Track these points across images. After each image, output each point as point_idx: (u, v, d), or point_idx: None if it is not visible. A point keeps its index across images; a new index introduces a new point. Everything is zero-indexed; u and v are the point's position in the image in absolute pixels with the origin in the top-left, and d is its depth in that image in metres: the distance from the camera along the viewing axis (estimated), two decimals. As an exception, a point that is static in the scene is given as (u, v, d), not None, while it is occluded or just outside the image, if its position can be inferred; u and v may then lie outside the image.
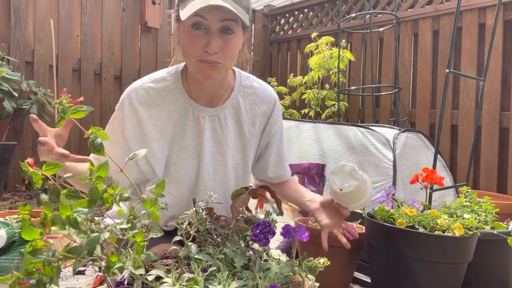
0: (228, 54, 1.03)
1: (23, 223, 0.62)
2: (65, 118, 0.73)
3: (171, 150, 1.15)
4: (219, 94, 1.18)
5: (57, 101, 0.73)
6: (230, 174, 1.22)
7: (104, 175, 0.69)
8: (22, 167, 0.68)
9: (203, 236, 0.91)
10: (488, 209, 1.31)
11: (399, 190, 1.68)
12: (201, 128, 1.15)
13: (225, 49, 1.02)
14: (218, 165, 1.20)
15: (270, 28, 4.82)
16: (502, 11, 2.85)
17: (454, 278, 1.06)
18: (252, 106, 1.22)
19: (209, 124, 1.16)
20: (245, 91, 1.22)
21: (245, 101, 1.21)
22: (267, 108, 1.25)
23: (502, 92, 2.89)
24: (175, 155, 1.16)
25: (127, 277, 0.71)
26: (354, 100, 3.79)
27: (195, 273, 0.73)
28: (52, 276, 0.64)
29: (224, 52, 1.02)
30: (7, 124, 2.97)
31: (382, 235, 1.10)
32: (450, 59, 1.76)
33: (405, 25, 3.43)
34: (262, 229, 0.85)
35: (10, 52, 3.04)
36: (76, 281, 1.05)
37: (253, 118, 1.22)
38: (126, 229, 0.71)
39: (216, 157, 1.19)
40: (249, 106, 1.22)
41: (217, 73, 1.06)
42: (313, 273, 0.85)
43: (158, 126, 1.13)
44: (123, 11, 3.66)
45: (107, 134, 0.88)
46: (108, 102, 3.60)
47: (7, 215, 1.51)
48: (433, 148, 1.92)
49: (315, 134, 2.09)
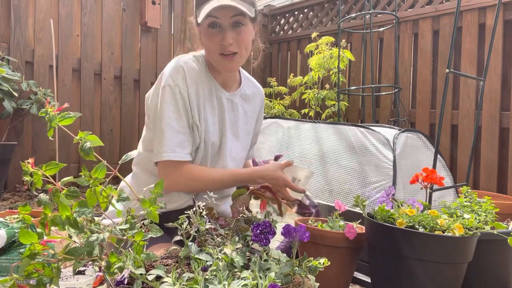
0: (242, 43, 1.22)
1: (21, 227, 0.62)
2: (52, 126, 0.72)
3: (206, 121, 1.29)
4: (231, 83, 1.37)
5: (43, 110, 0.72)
6: (240, 152, 1.40)
7: (101, 176, 0.69)
8: (23, 167, 0.68)
9: (203, 236, 0.91)
10: (488, 209, 1.31)
11: (399, 190, 1.68)
12: (223, 107, 1.33)
13: (239, 39, 1.21)
14: (233, 144, 1.37)
15: (270, 28, 4.82)
16: (502, 11, 2.85)
17: (454, 278, 1.06)
18: (254, 97, 1.46)
19: (227, 105, 1.35)
20: (248, 84, 1.45)
21: (249, 92, 1.43)
22: (261, 98, 1.50)
23: (502, 92, 2.89)
24: (209, 125, 1.30)
25: (127, 276, 0.71)
26: (354, 100, 3.79)
27: (195, 273, 0.73)
28: (52, 277, 0.64)
29: (239, 42, 1.21)
30: (7, 124, 2.97)
31: (382, 235, 1.10)
32: (450, 59, 1.76)
33: (405, 25, 3.43)
34: (263, 229, 0.85)
35: (10, 52, 3.04)
36: (76, 281, 1.05)
37: (254, 107, 1.45)
38: (125, 229, 0.71)
39: (231, 136, 1.37)
40: (252, 97, 1.45)
41: (235, 64, 1.25)
42: (313, 273, 0.85)
43: (199, 98, 1.27)
44: (123, 11, 3.66)
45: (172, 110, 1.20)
46: (108, 102, 3.60)
47: (7, 215, 1.51)
48: (433, 148, 1.92)
49: (315, 134, 2.09)
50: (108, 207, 0.75)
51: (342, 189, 1.78)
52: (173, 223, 0.89)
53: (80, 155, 0.94)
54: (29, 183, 0.67)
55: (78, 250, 0.66)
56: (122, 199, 0.74)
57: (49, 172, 0.70)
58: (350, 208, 1.52)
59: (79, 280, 1.06)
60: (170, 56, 3.97)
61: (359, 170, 1.79)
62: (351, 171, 1.81)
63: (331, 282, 1.18)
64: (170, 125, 1.20)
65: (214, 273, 0.74)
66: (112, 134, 3.62)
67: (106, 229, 0.72)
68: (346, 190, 1.77)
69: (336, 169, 1.81)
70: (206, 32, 1.22)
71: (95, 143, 0.73)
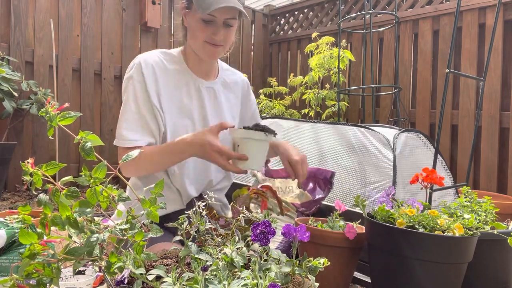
0: (229, 40, 1.32)
1: (21, 227, 0.62)
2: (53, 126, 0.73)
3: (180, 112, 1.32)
4: (211, 72, 1.43)
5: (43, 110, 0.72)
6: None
7: (102, 176, 0.69)
8: (22, 167, 0.68)
9: (203, 236, 0.91)
10: (488, 209, 1.31)
11: (399, 190, 1.68)
12: (202, 96, 1.37)
13: (227, 37, 1.30)
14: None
15: (270, 28, 4.81)
16: (502, 11, 2.85)
17: (454, 278, 1.06)
18: (236, 84, 1.51)
19: (207, 94, 1.39)
20: (226, 72, 1.51)
21: (229, 80, 1.49)
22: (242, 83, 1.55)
23: (502, 92, 2.89)
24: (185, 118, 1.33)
25: (127, 276, 0.71)
26: (354, 100, 3.79)
27: (195, 273, 0.73)
28: (52, 277, 0.64)
29: (226, 39, 1.30)
30: (7, 124, 2.97)
31: (382, 235, 1.10)
32: (450, 59, 1.76)
33: (405, 25, 3.43)
34: (262, 229, 0.85)
35: (10, 52, 3.04)
36: (76, 281, 1.05)
37: (236, 93, 1.51)
38: (125, 229, 0.71)
39: (215, 122, 1.34)
40: (234, 84, 1.50)
41: (218, 54, 1.33)
42: (313, 273, 0.85)
43: (169, 89, 1.31)
44: (123, 11, 3.66)
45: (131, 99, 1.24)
46: (108, 102, 3.60)
47: (7, 215, 1.51)
48: (433, 148, 1.92)
49: (315, 134, 2.09)
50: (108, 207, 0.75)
51: (342, 189, 1.78)
52: (173, 223, 0.89)
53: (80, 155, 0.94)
54: (29, 183, 0.67)
55: (78, 250, 0.66)
56: (122, 199, 0.74)
57: (49, 172, 0.69)
58: (350, 208, 1.52)
59: (79, 280, 1.06)
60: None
61: (359, 170, 1.79)
62: (351, 171, 1.81)
63: (331, 282, 1.18)
64: (122, 113, 1.28)
65: (214, 273, 0.74)
66: (112, 134, 3.62)
67: (106, 229, 0.72)
68: (346, 190, 1.77)
69: (336, 169, 1.81)
70: (198, 22, 1.27)
71: (96, 143, 0.73)
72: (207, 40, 1.27)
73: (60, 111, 0.73)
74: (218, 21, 1.26)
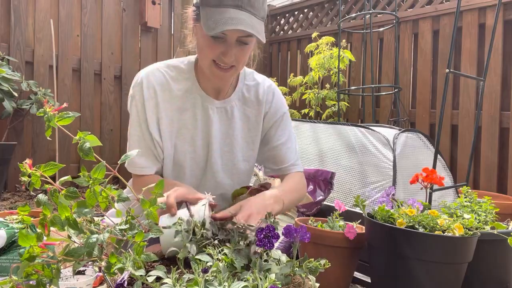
0: (242, 60, 1.13)
1: (20, 228, 0.62)
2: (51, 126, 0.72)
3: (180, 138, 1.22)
4: (225, 88, 1.25)
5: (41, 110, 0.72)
6: (239, 165, 1.29)
7: (101, 176, 0.69)
8: (20, 168, 0.68)
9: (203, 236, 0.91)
10: (488, 209, 1.31)
11: (399, 190, 1.68)
12: (210, 120, 1.23)
13: (239, 56, 1.11)
14: (227, 157, 1.27)
15: (270, 28, 4.81)
16: (502, 11, 2.85)
17: (454, 278, 1.06)
18: (257, 96, 1.29)
19: (217, 116, 1.24)
20: (248, 84, 1.30)
21: (249, 94, 1.29)
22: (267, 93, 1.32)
23: (502, 92, 2.89)
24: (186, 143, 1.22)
25: (127, 277, 0.71)
26: (354, 100, 3.79)
27: (195, 274, 0.73)
28: (52, 278, 0.64)
29: (238, 59, 1.12)
30: (7, 124, 2.97)
31: (382, 235, 1.10)
32: (450, 59, 1.76)
33: (405, 25, 3.43)
34: (267, 234, 0.85)
35: (10, 52, 3.04)
36: (76, 281, 1.05)
37: (258, 108, 1.29)
38: (125, 229, 0.71)
39: (224, 148, 1.26)
40: (255, 97, 1.29)
41: (229, 76, 1.15)
42: (313, 274, 0.85)
43: (171, 112, 1.20)
44: (123, 11, 3.66)
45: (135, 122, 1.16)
46: (108, 102, 3.59)
47: (7, 215, 1.51)
48: (433, 148, 1.92)
49: (315, 134, 2.09)
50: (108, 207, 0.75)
51: (342, 189, 1.78)
52: (173, 224, 0.88)
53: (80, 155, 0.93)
54: (27, 183, 0.67)
55: (78, 251, 0.65)
56: (122, 199, 0.74)
57: (47, 172, 0.69)
58: (350, 208, 1.52)
59: (79, 280, 1.06)
60: (170, 56, 3.97)
61: (359, 170, 1.79)
62: (351, 171, 1.81)
63: (331, 282, 1.18)
64: (130, 136, 1.22)
65: (214, 274, 0.74)
66: (112, 134, 3.62)
67: (106, 230, 0.71)
68: (346, 190, 1.77)
69: (336, 169, 1.81)
70: (205, 38, 1.10)
71: (94, 143, 0.73)
72: (215, 59, 1.11)
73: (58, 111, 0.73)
74: (230, 40, 1.08)
